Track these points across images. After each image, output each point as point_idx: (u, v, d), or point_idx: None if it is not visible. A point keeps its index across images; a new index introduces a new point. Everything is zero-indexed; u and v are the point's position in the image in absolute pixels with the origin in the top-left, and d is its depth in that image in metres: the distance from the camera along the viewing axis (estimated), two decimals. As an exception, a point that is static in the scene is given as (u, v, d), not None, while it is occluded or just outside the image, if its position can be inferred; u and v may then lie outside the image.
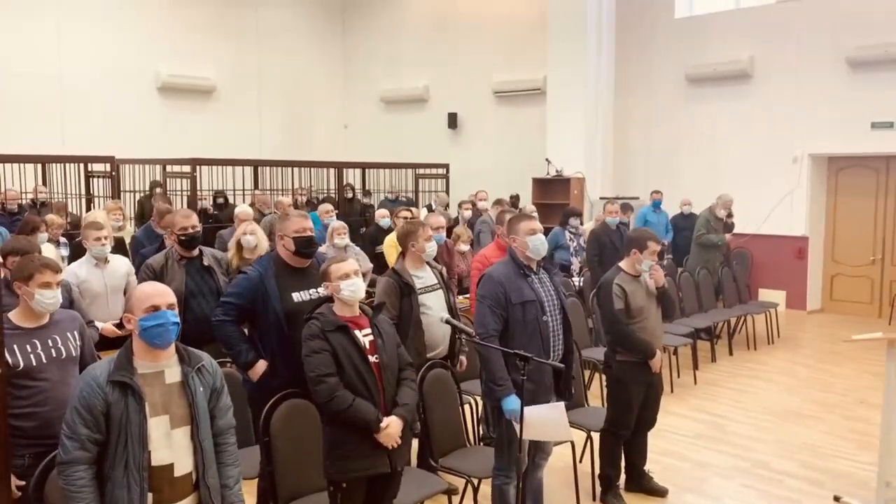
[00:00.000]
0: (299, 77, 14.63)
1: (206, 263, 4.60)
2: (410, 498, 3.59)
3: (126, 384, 2.47)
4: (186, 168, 10.04)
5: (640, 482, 4.65)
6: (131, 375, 2.50)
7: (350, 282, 3.27)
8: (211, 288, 4.58)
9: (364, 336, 3.24)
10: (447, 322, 3.74)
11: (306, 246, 3.83)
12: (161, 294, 2.60)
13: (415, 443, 4.47)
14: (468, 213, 9.47)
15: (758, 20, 10.52)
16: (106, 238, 5.13)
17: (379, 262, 7.58)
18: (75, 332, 3.29)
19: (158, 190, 10.17)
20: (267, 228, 7.44)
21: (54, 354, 3.15)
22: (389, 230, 8.35)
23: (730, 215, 9.08)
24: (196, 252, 4.63)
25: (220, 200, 10.72)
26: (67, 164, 9.44)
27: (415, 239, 4.41)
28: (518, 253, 3.79)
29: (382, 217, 8.80)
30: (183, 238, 4.55)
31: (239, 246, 5.76)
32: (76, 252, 6.27)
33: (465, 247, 7.31)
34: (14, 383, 2.98)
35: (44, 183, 9.94)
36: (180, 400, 2.58)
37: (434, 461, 4.01)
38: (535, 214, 4.29)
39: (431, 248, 4.43)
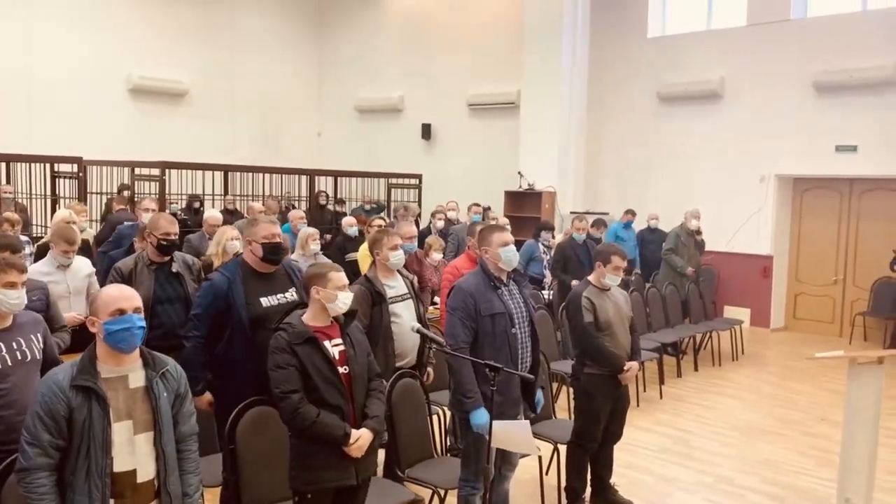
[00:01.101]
0: (273, 83, 14.55)
1: (174, 270, 4.53)
2: (376, 508, 3.56)
3: (90, 388, 2.42)
4: (156, 171, 9.92)
5: (606, 495, 4.66)
6: (95, 380, 2.45)
7: (346, 294, 3.24)
8: (179, 295, 4.52)
9: (334, 346, 3.19)
10: (418, 331, 3.73)
11: (274, 252, 3.82)
12: (127, 298, 2.55)
13: (381, 452, 4.46)
14: (440, 224, 9.48)
15: (729, 42, 10.73)
16: (74, 252, 5.05)
17: (348, 271, 7.54)
18: (38, 335, 3.23)
19: (127, 193, 10.03)
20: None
21: (19, 357, 3.09)
22: (356, 239, 8.31)
23: (699, 232, 9.19)
24: (167, 258, 4.57)
25: (196, 205, 10.59)
26: (33, 164, 9.27)
27: (380, 247, 4.40)
28: (489, 264, 3.80)
29: (350, 226, 8.72)
30: (164, 243, 4.48)
31: (224, 252, 5.74)
32: (42, 253, 6.15)
33: (437, 256, 7.27)
34: None
35: (8, 182, 9.74)
36: (144, 405, 2.53)
37: (401, 471, 3.99)
38: (508, 226, 4.31)
39: (396, 258, 4.40)
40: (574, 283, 6.30)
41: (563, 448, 4.59)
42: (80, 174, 9.03)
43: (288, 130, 14.79)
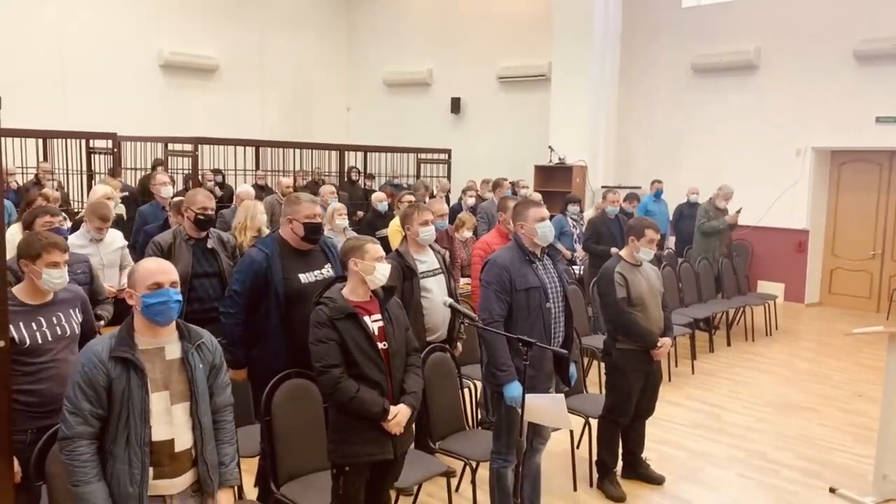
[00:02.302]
0: (302, 58, 14.55)
1: (209, 246, 4.59)
2: (409, 479, 3.61)
3: (128, 360, 2.47)
4: (188, 147, 10.01)
5: (638, 469, 4.66)
6: (133, 351, 2.49)
7: (384, 266, 3.24)
8: (215, 270, 4.58)
9: (373, 322, 3.19)
10: (450, 306, 3.73)
11: (315, 232, 3.85)
12: (164, 271, 2.59)
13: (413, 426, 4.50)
14: (472, 201, 9.42)
15: (765, 11, 10.46)
16: (108, 228, 5.14)
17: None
18: (77, 310, 3.29)
19: (160, 168, 10.13)
20: (268, 209, 7.42)
21: (59, 332, 3.15)
22: (387, 215, 8.31)
23: (737, 213, 9.02)
24: (204, 234, 4.62)
25: (219, 179, 10.68)
26: (69, 140, 9.41)
27: (410, 222, 4.39)
28: (524, 239, 3.77)
29: (380, 201, 8.72)
30: (202, 217, 4.53)
31: (250, 225, 5.81)
32: (76, 228, 6.26)
33: (468, 233, 7.27)
34: (17, 360, 2.96)
35: (45, 159, 9.90)
36: (180, 376, 2.58)
37: (433, 443, 4.02)
38: (542, 201, 4.27)
39: (427, 233, 4.40)
40: (612, 250, 6.28)
41: (594, 422, 4.59)
42: (115, 150, 9.14)
43: (317, 105, 14.81)
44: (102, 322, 4.05)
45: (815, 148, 10.22)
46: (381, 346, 3.17)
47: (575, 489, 4.51)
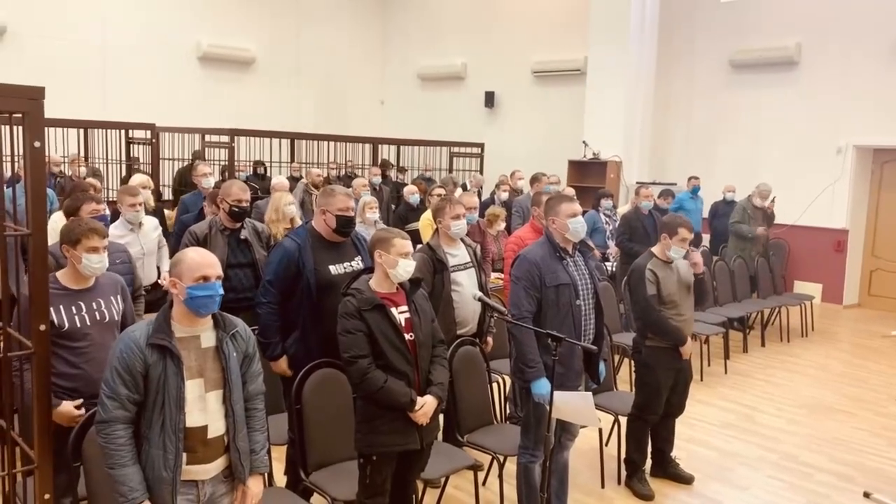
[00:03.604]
0: (337, 51, 14.63)
1: (243, 237, 4.66)
2: (437, 471, 3.63)
3: (165, 347, 2.51)
4: (225, 138, 10.13)
5: (667, 468, 4.63)
6: (170, 339, 2.53)
7: (408, 262, 3.25)
8: (248, 260, 4.67)
9: (400, 314, 3.21)
10: (480, 300, 3.74)
11: (347, 225, 3.89)
12: (212, 265, 2.62)
13: (441, 417, 4.52)
14: (505, 195, 9.38)
15: (806, 6, 10.25)
16: (140, 204, 5.20)
17: (411, 240, 7.60)
18: (118, 296, 3.36)
19: (198, 162, 10.29)
20: (298, 197, 7.50)
21: (98, 318, 3.22)
22: (418, 208, 8.33)
23: (772, 202, 8.89)
24: (238, 224, 4.69)
25: (261, 171, 10.81)
26: (109, 131, 9.59)
27: (442, 216, 4.41)
28: (556, 235, 3.76)
29: (411, 194, 8.74)
30: (236, 210, 4.62)
31: (282, 217, 5.93)
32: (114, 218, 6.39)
33: (500, 227, 7.26)
34: (56, 342, 3.03)
35: (85, 149, 10.11)
36: (214, 364, 2.62)
37: (461, 437, 4.04)
38: (575, 196, 4.25)
39: (458, 227, 4.41)
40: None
41: (623, 420, 4.57)
42: (154, 140, 9.30)
43: (352, 99, 14.89)
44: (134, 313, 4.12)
45: (856, 146, 10.00)
46: (407, 337, 3.19)
47: (603, 486, 4.49)
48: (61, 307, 3.13)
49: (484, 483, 4.33)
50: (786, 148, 10.46)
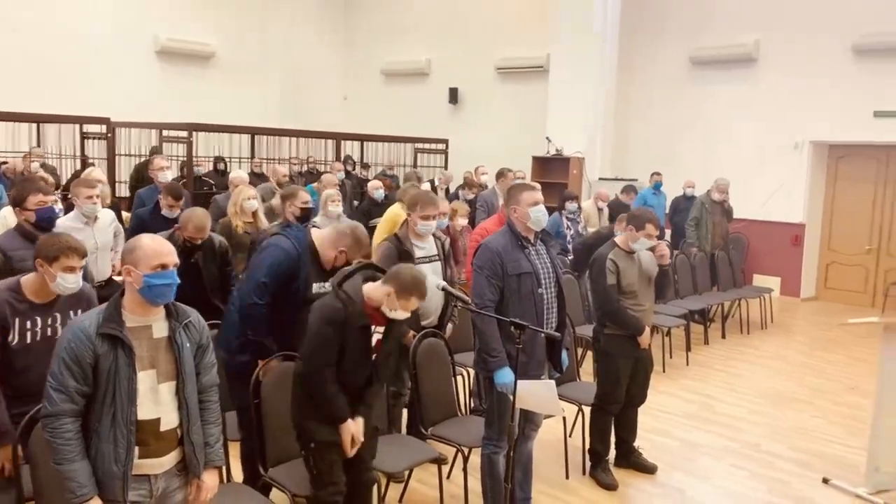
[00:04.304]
0: (301, 46, 14.46)
1: (193, 260, 4.56)
2: (400, 465, 3.59)
3: (116, 337, 2.42)
4: (183, 133, 9.94)
5: (630, 458, 4.64)
6: (121, 329, 2.43)
7: (402, 314, 3.18)
8: (197, 278, 4.54)
9: (375, 333, 3.22)
10: (443, 290, 3.69)
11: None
12: (169, 252, 2.53)
13: (405, 411, 4.48)
14: (471, 196, 9.24)
15: (765, 4, 10.41)
16: (97, 196, 5.05)
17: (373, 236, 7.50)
18: (79, 311, 3.24)
19: (155, 156, 10.07)
20: (262, 197, 7.34)
21: (49, 333, 3.12)
22: (382, 203, 8.22)
23: (724, 202, 8.99)
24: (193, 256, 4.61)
25: (221, 166, 10.61)
26: (62, 125, 9.35)
27: (414, 209, 4.35)
28: (517, 223, 3.73)
29: (376, 189, 8.63)
30: (188, 245, 4.52)
31: (241, 211, 5.86)
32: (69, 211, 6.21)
33: (462, 221, 7.19)
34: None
35: (38, 143, 9.84)
36: (167, 355, 2.53)
37: (424, 429, 3.99)
38: (538, 185, 4.19)
39: (424, 228, 4.36)
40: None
41: (587, 410, 4.56)
42: (109, 135, 9.08)
43: (315, 94, 14.71)
44: None
45: (813, 141, 10.19)
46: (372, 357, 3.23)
47: (567, 477, 4.48)
48: (17, 321, 3.04)
49: (448, 476, 4.28)
50: (745, 143, 10.61)
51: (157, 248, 2.51)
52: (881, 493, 4.37)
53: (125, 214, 7.00)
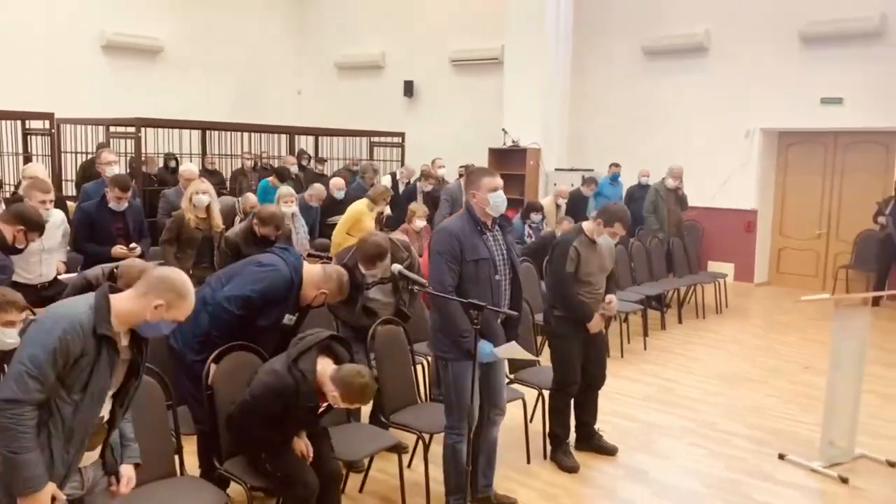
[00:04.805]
0: (252, 40, 14.20)
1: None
2: (359, 453, 3.52)
3: (109, 339, 2.32)
4: (131, 129, 9.67)
5: (591, 441, 4.65)
6: (111, 332, 2.34)
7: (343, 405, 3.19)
8: None
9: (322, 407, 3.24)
10: (399, 273, 3.64)
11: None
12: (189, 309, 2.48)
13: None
14: (429, 187, 9.21)
15: (714, -7, 10.56)
16: (51, 202, 4.94)
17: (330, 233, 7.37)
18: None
19: (102, 150, 9.76)
20: (226, 210, 7.11)
21: None
22: (342, 202, 8.04)
23: (679, 189, 9.09)
24: None
25: (172, 164, 10.34)
26: (3, 122, 9.01)
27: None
28: (476, 209, 3.68)
29: (338, 188, 8.43)
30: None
31: (193, 206, 5.74)
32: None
33: (420, 223, 7.12)
34: None
35: (-22, 140, 9.47)
36: (124, 365, 2.47)
37: (385, 418, 3.93)
38: (497, 172, 4.09)
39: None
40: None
41: (546, 394, 4.55)
42: (52, 131, 8.79)
43: (267, 89, 14.46)
44: None
45: (763, 129, 10.38)
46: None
47: (528, 462, 4.47)
48: None
49: (409, 465, 4.23)
50: (699, 132, 10.74)
51: (188, 306, 2.45)
52: (835, 466, 4.45)
53: (70, 206, 6.79)
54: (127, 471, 2.57)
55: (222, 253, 4.92)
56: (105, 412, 2.43)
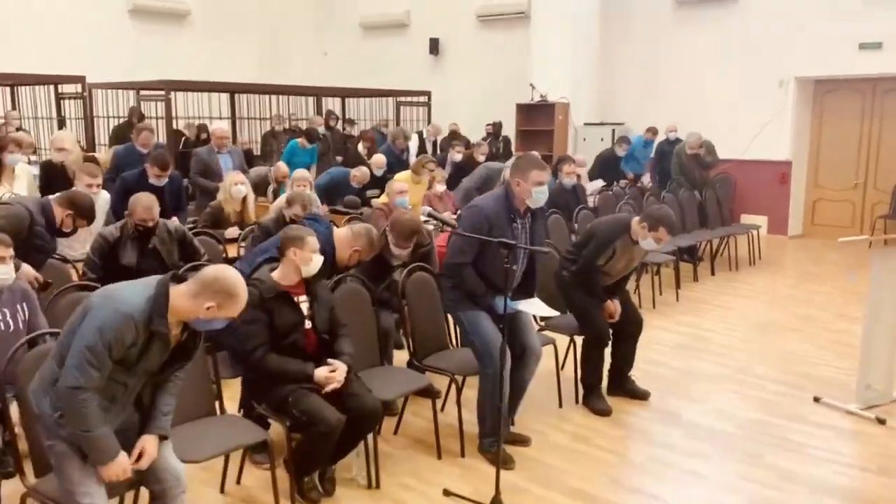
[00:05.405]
0: (276, 2, 14.15)
1: (151, 245, 4.48)
2: (393, 392, 3.58)
3: (162, 334, 2.44)
4: (161, 92, 9.74)
5: (623, 386, 4.65)
6: (166, 327, 2.44)
7: (319, 258, 3.35)
8: (159, 263, 4.44)
9: (301, 303, 3.34)
10: (429, 215, 3.66)
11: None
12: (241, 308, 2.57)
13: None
14: (458, 157, 9.01)
15: (748, -62, 10.24)
16: (99, 185, 5.05)
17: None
18: (23, 304, 3.25)
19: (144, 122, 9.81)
20: (258, 180, 7.13)
21: (2, 327, 3.13)
22: (383, 178, 7.49)
23: (709, 153, 8.90)
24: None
25: (204, 136, 10.36)
26: (37, 87, 9.15)
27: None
28: (516, 197, 3.69)
29: (378, 167, 7.84)
30: (140, 229, 4.42)
31: (231, 197, 5.86)
32: (47, 171, 6.09)
33: (440, 187, 7.14)
34: None
35: (13, 106, 9.64)
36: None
37: (418, 361, 3.98)
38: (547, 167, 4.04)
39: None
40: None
41: (578, 340, 4.55)
42: (84, 94, 8.90)
43: (293, 51, 14.43)
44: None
45: (798, 77, 10.11)
46: (307, 324, 3.32)
47: (560, 406, 4.49)
48: None
49: (442, 409, 4.29)
50: (731, 82, 10.51)
51: (240, 306, 2.54)
52: (872, 409, 4.42)
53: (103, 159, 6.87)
54: (145, 442, 2.56)
55: (255, 239, 5.07)
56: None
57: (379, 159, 8.08)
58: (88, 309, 2.42)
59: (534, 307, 3.75)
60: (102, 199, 5.18)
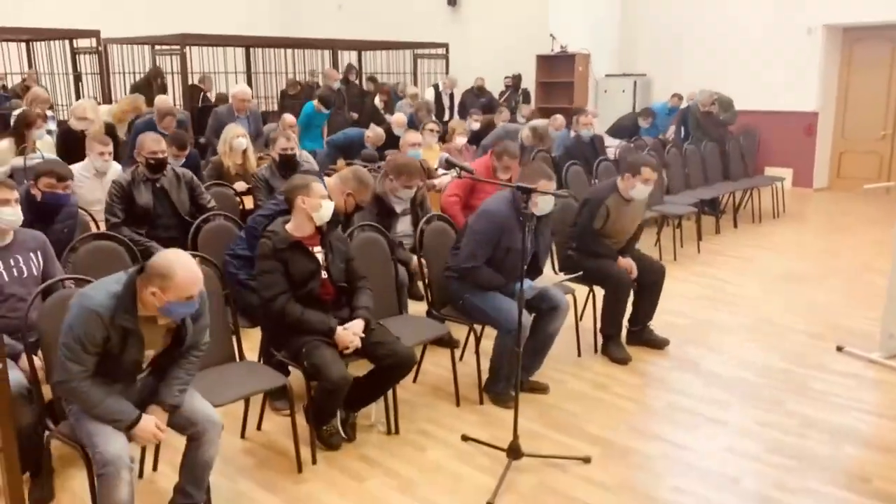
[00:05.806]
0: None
1: (159, 185, 4.57)
2: (413, 339, 3.58)
3: (128, 329, 2.45)
4: (176, 46, 9.67)
5: (641, 335, 4.62)
6: (134, 321, 2.45)
7: (329, 203, 3.31)
8: (167, 210, 4.58)
9: (317, 253, 3.32)
10: (447, 162, 3.63)
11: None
12: (199, 281, 2.51)
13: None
14: (476, 125, 8.81)
15: None
16: (110, 154, 5.07)
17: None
18: (38, 252, 3.26)
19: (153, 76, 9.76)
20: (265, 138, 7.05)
21: (15, 274, 3.14)
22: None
23: (725, 109, 8.67)
24: (158, 175, 4.60)
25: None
26: (53, 43, 9.11)
27: (399, 178, 4.30)
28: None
29: (398, 125, 7.66)
30: (152, 162, 4.54)
31: (231, 150, 5.80)
32: (65, 137, 6.07)
33: (461, 140, 7.09)
34: None
35: (29, 64, 9.63)
36: (168, 335, 2.62)
37: (436, 311, 3.97)
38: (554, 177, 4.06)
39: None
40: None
41: (598, 292, 4.51)
42: (100, 48, 8.85)
43: (307, 5, 14.23)
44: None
45: (826, 25, 9.81)
46: (323, 274, 3.30)
47: (579, 355, 4.49)
48: None
49: (461, 358, 4.29)
50: (756, 32, 10.22)
51: (191, 280, 2.47)
52: (895, 358, 4.36)
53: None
54: (154, 411, 2.57)
55: (256, 188, 5.09)
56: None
57: (399, 118, 7.96)
58: (69, 306, 2.50)
59: (551, 279, 3.87)
60: (116, 169, 5.17)
